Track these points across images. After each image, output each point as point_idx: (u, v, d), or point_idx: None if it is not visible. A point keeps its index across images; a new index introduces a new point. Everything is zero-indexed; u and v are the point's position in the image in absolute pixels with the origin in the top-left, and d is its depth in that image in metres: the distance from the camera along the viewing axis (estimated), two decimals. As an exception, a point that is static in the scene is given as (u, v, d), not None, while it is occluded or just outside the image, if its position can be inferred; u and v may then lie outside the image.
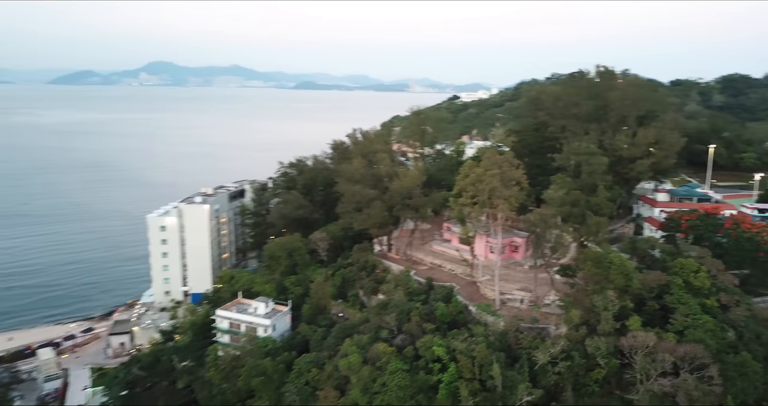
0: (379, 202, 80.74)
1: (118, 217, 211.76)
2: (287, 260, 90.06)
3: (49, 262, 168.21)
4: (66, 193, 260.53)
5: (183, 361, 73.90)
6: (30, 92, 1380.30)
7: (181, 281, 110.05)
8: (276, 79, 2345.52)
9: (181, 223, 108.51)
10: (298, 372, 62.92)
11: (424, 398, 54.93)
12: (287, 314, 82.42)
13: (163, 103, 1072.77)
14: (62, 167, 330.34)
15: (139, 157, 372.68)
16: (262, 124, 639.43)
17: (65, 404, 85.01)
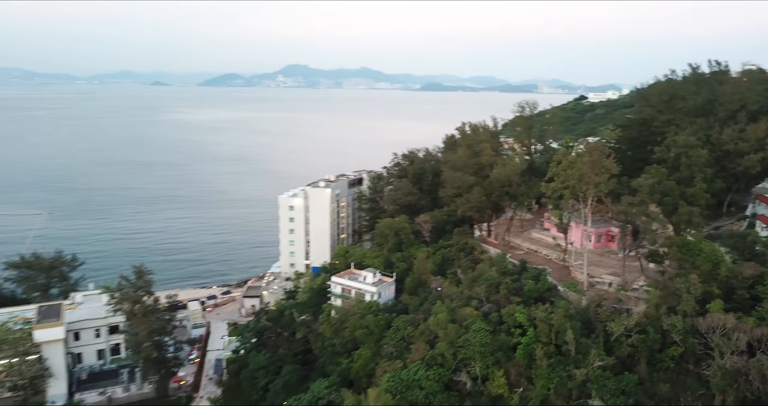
0: (478, 188, 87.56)
1: (253, 203, 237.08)
2: (394, 238, 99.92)
3: (197, 239, 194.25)
4: (210, 181, 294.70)
5: (302, 315, 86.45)
6: (183, 93, 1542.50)
7: (304, 256, 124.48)
8: (403, 81, 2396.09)
9: (306, 204, 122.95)
10: (396, 329, 72.17)
11: (503, 355, 61.50)
12: (392, 284, 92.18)
13: (297, 103, 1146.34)
14: (208, 159, 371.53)
15: (274, 152, 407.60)
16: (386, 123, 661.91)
17: (207, 348, 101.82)
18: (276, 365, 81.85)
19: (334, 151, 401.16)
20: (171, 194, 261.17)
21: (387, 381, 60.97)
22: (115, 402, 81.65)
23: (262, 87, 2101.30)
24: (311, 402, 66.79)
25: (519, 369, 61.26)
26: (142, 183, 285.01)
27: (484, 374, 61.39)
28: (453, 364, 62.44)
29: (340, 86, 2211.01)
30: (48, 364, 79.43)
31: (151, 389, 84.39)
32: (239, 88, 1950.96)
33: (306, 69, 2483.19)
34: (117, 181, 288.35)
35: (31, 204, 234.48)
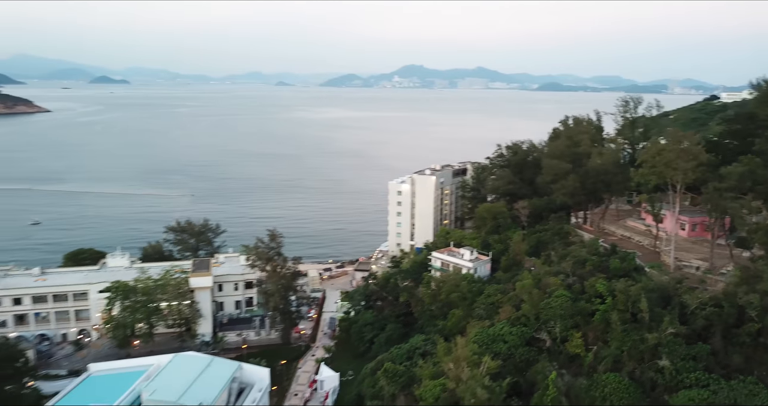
0: (574, 175, 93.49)
1: (367, 194, 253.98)
2: (492, 221, 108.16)
3: (315, 223, 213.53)
4: (329, 173, 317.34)
5: (405, 281, 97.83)
6: (306, 93, 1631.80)
7: (410, 237, 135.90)
8: (520, 81, 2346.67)
9: (413, 190, 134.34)
10: (487, 295, 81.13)
11: (581, 319, 68.33)
12: (487, 262, 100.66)
13: (411, 103, 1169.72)
14: (327, 153, 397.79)
15: (388, 148, 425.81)
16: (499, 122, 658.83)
17: (323, 309, 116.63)
18: (381, 323, 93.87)
19: (445, 147, 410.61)
20: (294, 183, 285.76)
21: (475, 335, 70.23)
22: (248, 343, 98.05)
23: (378, 87, 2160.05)
24: (409, 351, 77.70)
25: (596, 333, 67.68)
26: (268, 173, 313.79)
27: (563, 335, 68.55)
28: (535, 324, 70.31)
29: (455, 86, 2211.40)
30: (199, 307, 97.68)
31: (276, 336, 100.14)
32: (357, 89, 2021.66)
33: (422, 69, 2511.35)
34: (247, 171, 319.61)
35: (177, 187, 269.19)
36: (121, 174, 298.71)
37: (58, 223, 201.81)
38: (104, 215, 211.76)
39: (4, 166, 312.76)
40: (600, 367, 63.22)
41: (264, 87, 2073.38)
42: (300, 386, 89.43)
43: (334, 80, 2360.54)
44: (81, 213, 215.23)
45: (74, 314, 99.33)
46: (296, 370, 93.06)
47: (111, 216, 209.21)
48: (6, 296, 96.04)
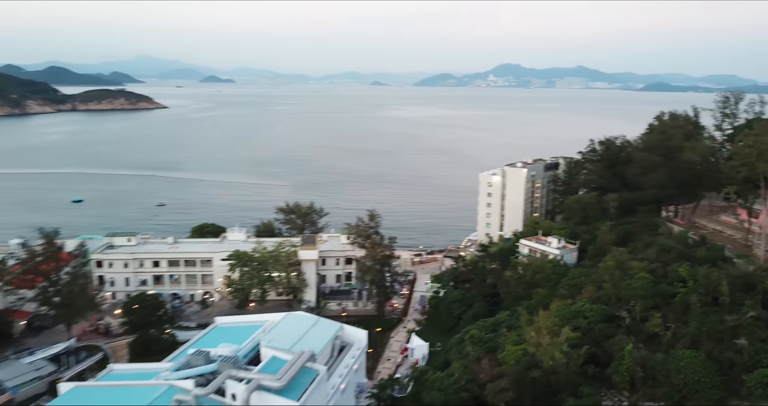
0: (664, 168, 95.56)
1: (456, 189, 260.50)
2: (581, 212, 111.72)
3: (407, 214, 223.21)
4: (420, 168, 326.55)
5: (492, 263, 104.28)
6: (400, 92, 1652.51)
7: (499, 227, 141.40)
8: (623, 81, 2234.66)
9: (503, 182, 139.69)
10: (571, 277, 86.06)
11: (661, 300, 71.95)
12: (574, 251, 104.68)
13: (506, 102, 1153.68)
14: (419, 150, 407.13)
15: (480, 145, 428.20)
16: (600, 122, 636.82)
17: (414, 289, 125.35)
18: (468, 301, 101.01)
19: (538, 146, 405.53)
20: (386, 178, 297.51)
21: (557, 310, 75.71)
22: (347, 312, 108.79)
23: (472, 87, 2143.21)
24: (494, 324, 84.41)
25: (675, 314, 70.97)
26: (362, 167, 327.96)
27: (642, 315, 72.47)
28: (615, 304, 74.67)
29: (552, 86, 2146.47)
30: (305, 277, 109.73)
31: (372, 308, 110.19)
32: (451, 88, 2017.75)
33: (518, 68, 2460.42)
34: (342, 165, 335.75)
35: (279, 178, 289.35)
36: (230, 165, 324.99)
37: (179, 205, 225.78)
38: (217, 200, 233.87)
39: (132, 155, 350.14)
40: (678, 344, 66.82)
41: (360, 86, 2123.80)
42: (392, 353, 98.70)
43: (428, 79, 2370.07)
44: (197, 197, 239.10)
45: (201, 277, 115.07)
46: (389, 339, 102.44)
47: (223, 201, 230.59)
48: (147, 258, 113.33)
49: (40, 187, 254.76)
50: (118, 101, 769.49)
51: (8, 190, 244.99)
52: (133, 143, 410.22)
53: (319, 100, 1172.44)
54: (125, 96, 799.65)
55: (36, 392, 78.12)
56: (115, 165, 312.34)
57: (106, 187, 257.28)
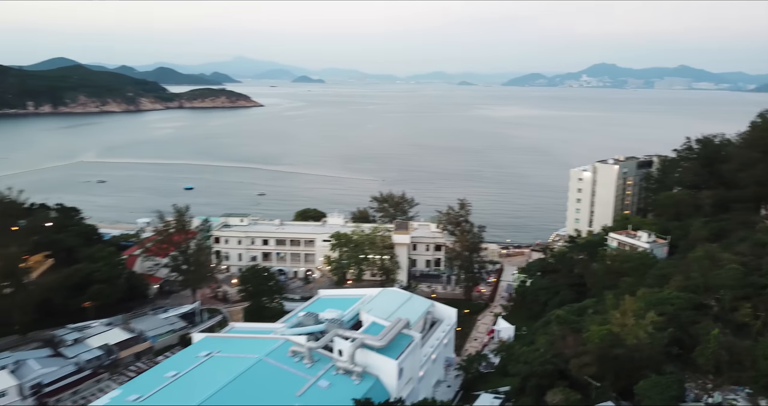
0: (763, 165, 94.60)
1: (544, 187, 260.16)
2: (673, 209, 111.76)
3: (495, 210, 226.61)
4: (508, 166, 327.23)
5: (580, 254, 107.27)
6: (487, 92, 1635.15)
7: (588, 223, 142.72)
8: (731, 81, 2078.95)
9: (594, 178, 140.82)
10: (659, 268, 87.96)
11: (752, 291, 73.00)
12: (665, 245, 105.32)
13: (598, 103, 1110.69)
14: (506, 148, 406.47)
15: (569, 146, 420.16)
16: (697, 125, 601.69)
17: (501, 278, 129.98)
18: (554, 289, 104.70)
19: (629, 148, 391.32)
20: (473, 175, 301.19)
21: (643, 296, 78.44)
22: (436, 294, 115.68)
23: (563, 87, 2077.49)
24: (580, 308, 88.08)
25: (766, 305, 71.77)
26: (449, 165, 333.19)
27: (732, 305, 73.77)
28: (704, 293, 76.38)
29: (651, 86, 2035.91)
30: (398, 260, 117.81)
31: (460, 292, 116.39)
32: (541, 88, 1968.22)
33: (613, 68, 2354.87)
34: (429, 162, 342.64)
35: (369, 173, 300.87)
36: (323, 159, 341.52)
37: (277, 195, 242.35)
38: (311, 191, 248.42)
39: (234, 149, 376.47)
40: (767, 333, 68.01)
41: (446, 86, 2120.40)
42: (479, 334, 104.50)
43: (517, 79, 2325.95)
44: (294, 189, 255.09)
45: (304, 256, 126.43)
46: (476, 321, 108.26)
47: (316, 193, 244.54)
48: (258, 237, 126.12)
49: (156, 175, 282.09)
50: (220, 99, 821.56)
51: (131, 178, 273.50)
52: (235, 138, 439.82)
53: (407, 99, 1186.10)
54: (226, 95, 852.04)
55: (170, 343, 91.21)
56: (219, 157, 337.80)
57: (212, 177, 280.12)
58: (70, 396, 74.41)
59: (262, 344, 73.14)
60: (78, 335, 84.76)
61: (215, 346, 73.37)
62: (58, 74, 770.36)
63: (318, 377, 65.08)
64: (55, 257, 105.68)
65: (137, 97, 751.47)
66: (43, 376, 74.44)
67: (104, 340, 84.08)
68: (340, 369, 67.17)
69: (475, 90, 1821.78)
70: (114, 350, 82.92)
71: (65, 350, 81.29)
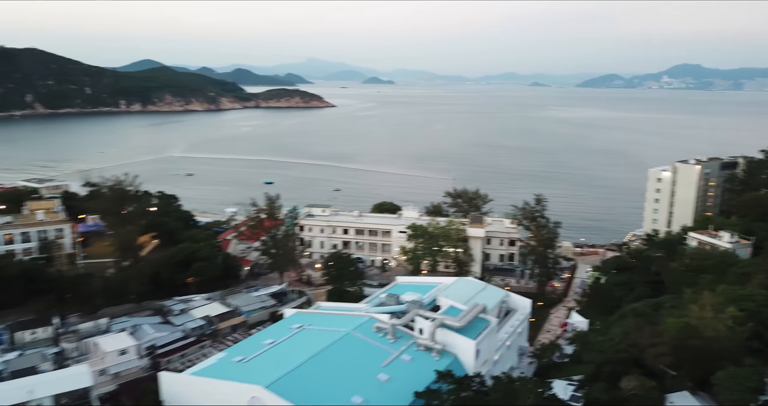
0: None
1: (617, 188, 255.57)
2: (759, 210, 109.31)
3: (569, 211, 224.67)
4: (580, 167, 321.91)
5: (657, 252, 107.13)
6: (560, 93, 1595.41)
7: (666, 223, 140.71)
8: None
9: (674, 178, 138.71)
10: (741, 266, 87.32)
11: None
12: (748, 246, 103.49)
13: (680, 105, 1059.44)
14: (578, 150, 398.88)
15: (645, 149, 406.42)
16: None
17: (575, 275, 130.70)
18: (630, 285, 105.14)
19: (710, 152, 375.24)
20: (544, 176, 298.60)
21: (723, 291, 78.53)
22: (510, 287, 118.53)
23: (642, 88, 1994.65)
24: (657, 304, 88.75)
25: None
26: (519, 165, 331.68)
27: (818, 304, 72.91)
28: (788, 291, 75.74)
29: (740, 88, 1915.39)
30: (472, 253, 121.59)
31: (533, 286, 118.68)
32: (618, 90, 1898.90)
33: (697, 69, 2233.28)
34: (499, 162, 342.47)
35: (440, 172, 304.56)
36: (393, 158, 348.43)
37: (351, 191, 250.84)
38: (383, 188, 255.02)
39: (309, 147, 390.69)
40: None
41: (518, 87, 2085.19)
42: (552, 326, 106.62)
43: (592, 81, 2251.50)
44: (366, 186, 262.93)
45: (381, 246, 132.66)
46: (549, 314, 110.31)
47: (388, 191, 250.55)
48: (339, 226, 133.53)
49: (238, 170, 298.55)
50: (294, 100, 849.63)
51: (215, 172, 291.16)
52: (309, 137, 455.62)
53: (477, 100, 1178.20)
54: (300, 95, 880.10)
55: (261, 318, 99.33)
56: (295, 154, 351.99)
57: (289, 173, 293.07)
58: (179, 358, 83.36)
59: (349, 320, 79.24)
60: (183, 306, 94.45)
61: (305, 320, 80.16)
62: (146, 75, 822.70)
63: (401, 351, 70.12)
64: (159, 237, 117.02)
65: (218, 96, 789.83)
66: (156, 339, 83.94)
67: (206, 312, 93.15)
68: (420, 346, 71.86)
69: (547, 91, 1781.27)
70: (214, 321, 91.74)
71: (173, 319, 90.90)
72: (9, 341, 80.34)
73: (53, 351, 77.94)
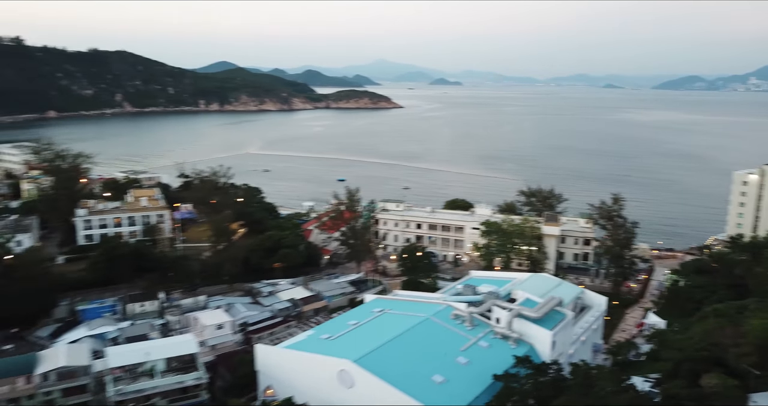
0: None
1: (695, 193, 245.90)
2: None
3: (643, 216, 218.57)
4: (655, 171, 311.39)
5: (741, 255, 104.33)
6: (635, 95, 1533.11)
7: (752, 228, 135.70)
8: None
9: (761, 181, 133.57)
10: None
11: None
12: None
13: None
14: (655, 153, 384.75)
15: (727, 153, 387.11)
16: None
17: (651, 277, 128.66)
18: (711, 288, 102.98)
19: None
20: (619, 179, 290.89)
21: (815, 295, 76.59)
22: (585, 286, 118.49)
23: (726, 91, 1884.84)
24: (740, 307, 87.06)
25: None
26: (592, 167, 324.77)
27: None
28: None
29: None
30: (546, 251, 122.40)
31: (608, 286, 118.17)
32: (699, 92, 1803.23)
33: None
34: (570, 164, 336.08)
35: (508, 172, 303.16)
36: (461, 158, 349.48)
37: (420, 189, 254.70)
38: (451, 187, 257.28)
39: (378, 147, 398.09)
40: None
41: (590, 89, 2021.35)
42: (627, 326, 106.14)
43: (670, 82, 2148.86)
44: (435, 185, 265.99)
45: (453, 241, 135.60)
46: (625, 314, 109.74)
47: (456, 190, 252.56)
48: (413, 221, 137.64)
49: (311, 167, 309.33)
50: (363, 101, 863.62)
51: (290, 169, 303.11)
52: (378, 137, 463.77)
53: (547, 102, 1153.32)
54: (368, 96, 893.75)
55: (341, 304, 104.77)
56: (365, 153, 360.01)
57: (360, 171, 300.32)
58: (268, 336, 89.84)
59: (427, 306, 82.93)
60: (271, 288, 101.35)
61: (384, 306, 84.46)
62: (223, 76, 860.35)
63: (478, 338, 73.10)
64: (246, 226, 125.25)
65: (290, 97, 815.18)
66: (248, 317, 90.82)
67: (291, 295, 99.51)
68: (497, 334, 74.56)
69: (621, 93, 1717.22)
70: (299, 304, 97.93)
71: (262, 300, 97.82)
72: (122, 311, 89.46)
73: (159, 322, 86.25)
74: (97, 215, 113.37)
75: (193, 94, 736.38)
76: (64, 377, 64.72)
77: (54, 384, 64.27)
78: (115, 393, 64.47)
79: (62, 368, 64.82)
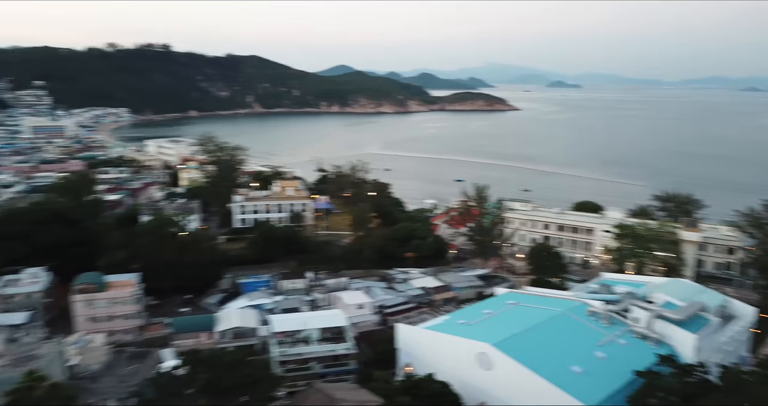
0: None
1: None
2: None
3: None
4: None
5: None
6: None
7: None
8: None
9: None
10: None
11: None
12: None
13: None
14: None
15: None
16: None
17: None
18: None
19: None
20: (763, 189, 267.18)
21: None
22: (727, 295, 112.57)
23: None
24: None
25: None
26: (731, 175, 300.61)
27: None
28: None
29: None
30: (684, 257, 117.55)
31: (756, 298, 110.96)
32: None
33: None
34: (704, 171, 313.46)
35: (634, 178, 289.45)
36: (582, 161, 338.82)
37: (540, 192, 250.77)
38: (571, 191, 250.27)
39: (495, 148, 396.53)
40: None
41: (726, 93, 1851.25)
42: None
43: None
44: (556, 188, 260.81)
45: (582, 243, 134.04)
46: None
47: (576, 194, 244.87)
48: (539, 221, 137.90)
49: (429, 168, 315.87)
50: (478, 103, 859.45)
51: (409, 168, 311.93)
52: (494, 138, 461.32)
53: (675, 106, 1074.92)
54: (483, 98, 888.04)
55: (469, 296, 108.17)
56: (481, 155, 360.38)
57: (477, 171, 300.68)
58: (402, 319, 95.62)
59: (561, 302, 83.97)
60: (404, 276, 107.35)
61: (517, 299, 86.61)
62: (343, 79, 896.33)
63: (616, 335, 73.24)
64: (379, 218, 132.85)
65: (405, 99, 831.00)
66: (385, 300, 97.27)
67: (423, 284, 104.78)
68: (636, 334, 74.20)
69: (765, 97, 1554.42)
70: (430, 292, 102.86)
71: (396, 286, 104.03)
72: (275, 287, 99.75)
73: (307, 299, 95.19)
74: (251, 202, 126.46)
75: (316, 96, 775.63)
76: (237, 335, 74.56)
77: (229, 341, 74.23)
78: (280, 354, 73.08)
79: (236, 328, 74.74)
